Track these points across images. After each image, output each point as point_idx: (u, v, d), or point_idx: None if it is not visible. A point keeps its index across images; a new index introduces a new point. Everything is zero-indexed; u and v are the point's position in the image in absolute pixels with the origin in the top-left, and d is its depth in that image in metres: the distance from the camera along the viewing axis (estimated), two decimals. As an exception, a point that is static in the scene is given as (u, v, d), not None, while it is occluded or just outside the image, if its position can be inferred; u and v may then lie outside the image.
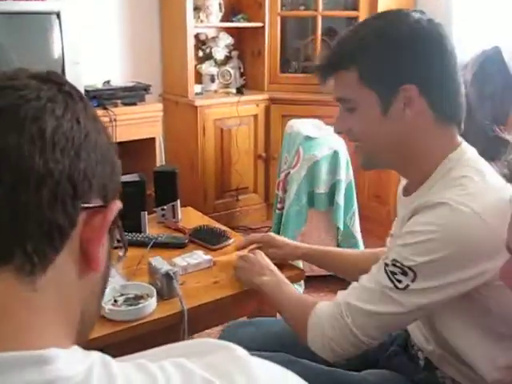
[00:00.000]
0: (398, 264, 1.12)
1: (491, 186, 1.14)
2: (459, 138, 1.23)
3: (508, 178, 0.70)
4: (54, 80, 0.59)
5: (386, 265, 1.15)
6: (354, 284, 1.23)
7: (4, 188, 0.51)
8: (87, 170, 0.55)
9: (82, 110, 0.58)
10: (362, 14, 3.80)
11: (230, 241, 1.90)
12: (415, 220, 1.15)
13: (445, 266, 1.09)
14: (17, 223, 0.51)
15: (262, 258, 1.55)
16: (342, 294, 1.23)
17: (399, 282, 1.12)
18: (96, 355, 0.50)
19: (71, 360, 0.49)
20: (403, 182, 1.38)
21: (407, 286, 1.11)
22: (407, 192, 1.29)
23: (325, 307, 1.24)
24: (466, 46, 3.64)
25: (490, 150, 3.93)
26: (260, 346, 1.35)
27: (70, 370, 0.48)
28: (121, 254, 0.69)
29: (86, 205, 0.55)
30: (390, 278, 1.13)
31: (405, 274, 1.11)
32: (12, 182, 0.51)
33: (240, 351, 0.53)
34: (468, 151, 1.21)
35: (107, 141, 0.61)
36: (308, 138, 3.05)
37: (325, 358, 1.24)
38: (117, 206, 0.59)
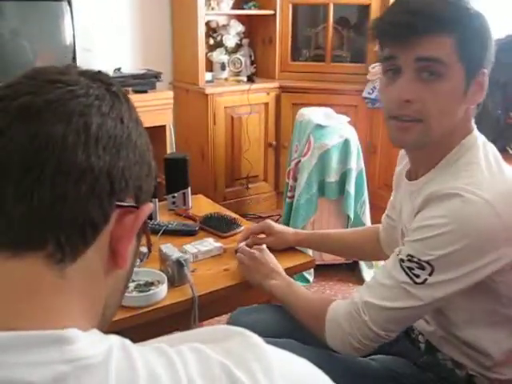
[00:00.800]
0: (414, 259, 1.12)
1: (501, 174, 1.14)
2: (473, 124, 1.22)
3: None
4: (103, 80, 0.61)
5: (402, 260, 1.14)
6: (370, 281, 1.23)
7: (45, 176, 0.52)
8: (125, 169, 0.57)
9: (127, 111, 0.60)
10: (374, 3, 3.78)
11: (241, 228, 1.90)
12: (427, 213, 1.14)
13: (461, 257, 1.09)
14: (54, 213, 0.52)
15: (269, 256, 1.55)
16: (358, 292, 1.23)
17: (417, 276, 1.12)
18: (115, 338, 0.51)
19: (91, 341, 0.49)
20: (402, 164, 1.39)
21: (425, 280, 1.11)
22: (413, 176, 1.28)
23: (341, 305, 1.25)
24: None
25: (502, 139, 3.93)
26: (265, 333, 1.35)
27: (90, 350, 0.48)
28: (144, 251, 0.71)
29: (120, 203, 0.57)
30: (407, 274, 1.13)
31: (422, 268, 1.11)
32: (53, 172, 0.52)
33: (256, 338, 0.54)
34: (479, 138, 1.20)
35: (146, 144, 0.63)
36: (319, 127, 3.04)
37: (344, 354, 1.25)
38: (149, 208, 0.61)
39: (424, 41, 1.10)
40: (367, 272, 3.07)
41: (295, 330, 1.40)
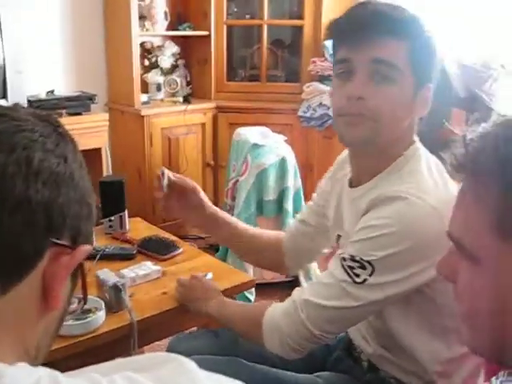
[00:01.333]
0: (356, 258, 1.13)
1: (444, 185, 1.17)
2: (416, 137, 1.27)
3: (454, 169, 0.72)
4: (51, 121, 0.61)
5: (344, 259, 1.15)
6: (312, 281, 1.24)
7: None
8: (64, 206, 0.56)
9: (71, 152, 0.60)
10: (308, 23, 3.85)
11: (179, 250, 1.89)
12: (371, 214, 1.15)
13: (403, 259, 1.10)
14: None
15: (204, 281, 1.55)
16: (297, 291, 1.23)
17: (357, 276, 1.13)
18: (43, 370, 0.50)
19: (18, 376, 0.48)
20: (341, 171, 1.39)
21: (365, 280, 1.12)
22: (355, 183, 1.29)
23: (279, 306, 1.25)
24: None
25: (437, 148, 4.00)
26: (205, 358, 1.35)
27: None
28: (74, 306, 0.71)
29: (56, 240, 0.56)
30: (347, 273, 1.14)
31: (363, 267, 1.12)
32: None
33: (189, 364, 0.53)
34: (421, 149, 1.24)
35: (89, 188, 0.63)
36: (255, 146, 3.07)
37: (284, 357, 1.24)
38: (86, 250, 0.60)
39: (381, 43, 1.13)
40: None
41: (236, 352, 1.40)
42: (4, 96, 3.04)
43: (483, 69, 3.26)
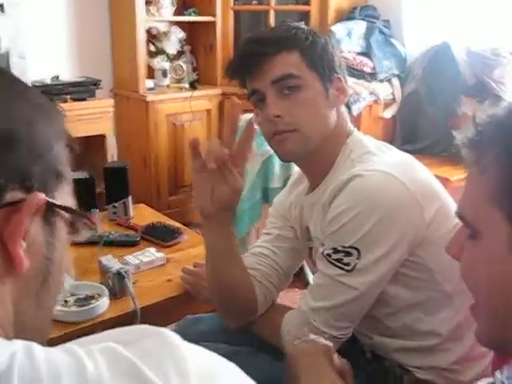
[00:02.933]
0: (339, 248, 1.15)
1: (390, 151, 1.26)
2: (353, 126, 1.31)
3: (464, 146, 0.74)
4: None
5: (328, 255, 1.17)
6: (310, 286, 1.25)
7: None
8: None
9: (22, 92, 0.56)
10: (314, 9, 3.82)
11: (183, 237, 1.88)
12: (335, 203, 1.18)
13: (380, 231, 1.12)
14: None
15: None
16: (302, 299, 1.24)
17: (347, 264, 1.14)
18: (19, 343, 0.47)
19: None
20: (294, 192, 1.43)
21: (355, 265, 1.14)
22: (310, 190, 1.33)
23: (291, 319, 1.26)
24: (415, 41, 3.69)
25: (442, 143, 4.00)
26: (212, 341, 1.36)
27: None
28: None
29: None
30: (337, 266, 1.16)
31: (349, 254, 1.14)
32: None
33: (173, 337, 0.51)
34: (360, 135, 1.29)
35: (27, 115, 0.54)
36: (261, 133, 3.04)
37: None
38: (37, 197, 0.53)
39: (274, 63, 1.21)
40: (311, 276, 3.08)
41: (244, 338, 1.38)
42: (8, 81, 3.02)
43: (492, 56, 3.22)
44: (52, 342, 1.35)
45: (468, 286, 0.77)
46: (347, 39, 3.60)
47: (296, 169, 1.45)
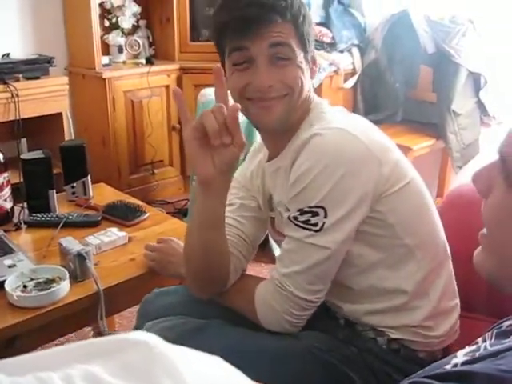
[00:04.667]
0: (305, 209, 1.15)
1: (349, 115, 1.29)
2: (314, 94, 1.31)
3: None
4: None
5: (295, 218, 1.17)
6: (279, 255, 1.24)
7: None
8: None
9: None
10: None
11: (146, 215, 1.84)
12: (297, 164, 1.18)
13: (344, 188, 1.13)
14: None
15: (176, 244, 1.53)
16: (275, 270, 1.23)
17: (315, 225, 1.14)
18: None
19: None
20: (253, 163, 1.42)
21: (323, 224, 1.14)
22: (270, 156, 1.33)
23: (264, 288, 1.25)
24: (374, 10, 3.68)
25: (402, 113, 4.02)
26: (182, 313, 1.35)
27: None
28: None
29: None
30: (305, 228, 1.16)
31: (316, 214, 1.14)
32: None
33: (159, 347, 0.46)
34: (319, 99, 1.30)
35: None
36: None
37: (287, 333, 1.24)
38: None
39: (273, 29, 1.19)
40: (278, 249, 3.07)
41: (212, 310, 1.36)
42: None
43: (451, 24, 3.23)
44: (13, 329, 1.30)
45: (488, 224, 0.72)
46: (306, 10, 3.57)
47: (257, 139, 1.43)
